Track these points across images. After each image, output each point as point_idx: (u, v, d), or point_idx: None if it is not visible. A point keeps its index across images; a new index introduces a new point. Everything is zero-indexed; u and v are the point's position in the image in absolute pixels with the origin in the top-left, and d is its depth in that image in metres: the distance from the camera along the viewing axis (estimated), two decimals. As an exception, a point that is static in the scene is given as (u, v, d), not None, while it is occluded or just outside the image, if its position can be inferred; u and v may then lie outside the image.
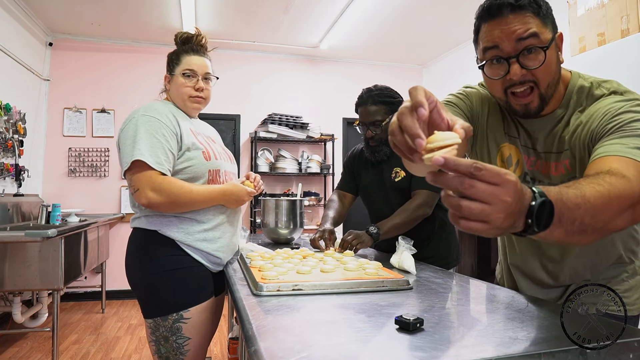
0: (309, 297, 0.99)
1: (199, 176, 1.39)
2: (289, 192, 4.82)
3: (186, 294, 1.31)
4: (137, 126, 1.31)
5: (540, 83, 0.88)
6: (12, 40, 3.59)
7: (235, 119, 4.82)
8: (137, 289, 1.35)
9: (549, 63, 0.87)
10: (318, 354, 0.65)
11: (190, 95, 1.46)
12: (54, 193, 4.27)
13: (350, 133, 5.16)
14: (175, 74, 1.47)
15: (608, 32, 2.84)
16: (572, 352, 0.67)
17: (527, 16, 0.86)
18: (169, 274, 1.30)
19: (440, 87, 5.04)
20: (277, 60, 4.96)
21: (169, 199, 1.28)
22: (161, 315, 1.28)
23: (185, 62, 1.46)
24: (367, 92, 1.78)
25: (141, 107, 1.37)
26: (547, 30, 0.88)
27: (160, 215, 1.34)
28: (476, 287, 1.15)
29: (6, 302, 2.97)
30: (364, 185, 1.94)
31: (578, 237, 0.64)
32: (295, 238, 2.06)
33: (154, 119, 1.33)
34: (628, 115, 0.82)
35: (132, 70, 4.56)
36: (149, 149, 1.28)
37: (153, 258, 1.31)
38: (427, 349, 0.67)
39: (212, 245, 1.38)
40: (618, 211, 0.67)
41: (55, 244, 2.56)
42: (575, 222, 0.61)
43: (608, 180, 0.68)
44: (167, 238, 1.33)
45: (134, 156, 1.26)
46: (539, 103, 0.91)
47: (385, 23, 4.07)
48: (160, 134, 1.32)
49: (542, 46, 0.86)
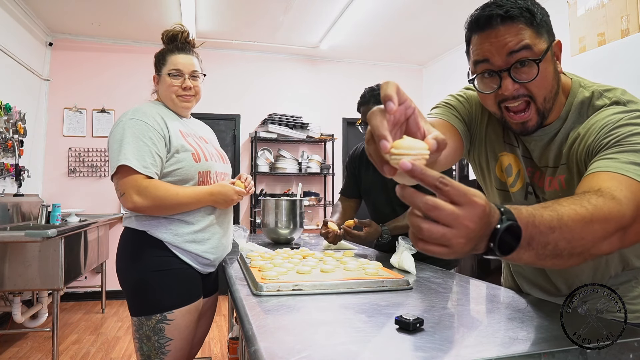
0: (309, 297, 0.99)
1: (188, 178, 1.39)
2: (289, 192, 4.82)
3: (171, 295, 1.32)
4: (124, 130, 1.31)
5: (536, 97, 0.83)
6: (12, 40, 3.59)
7: (235, 119, 4.82)
8: (125, 287, 1.37)
9: (544, 76, 0.81)
10: (318, 354, 0.65)
11: (178, 95, 1.46)
12: (54, 193, 4.27)
13: (350, 133, 5.16)
14: (162, 74, 1.47)
15: (608, 32, 2.84)
16: (572, 352, 0.67)
17: (519, 27, 0.80)
18: (156, 274, 1.32)
19: (440, 87, 5.04)
20: (277, 60, 4.96)
21: (154, 202, 1.28)
22: (145, 314, 1.30)
23: (171, 62, 1.46)
24: (370, 92, 1.78)
25: (130, 110, 1.38)
26: (542, 40, 0.81)
27: (150, 216, 1.35)
28: (476, 287, 1.15)
29: (6, 302, 2.97)
30: (365, 186, 1.94)
31: (552, 260, 0.59)
32: (295, 238, 2.06)
33: (141, 122, 1.33)
34: (627, 128, 0.76)
35: (132, 70, 4.56)
36: (135, 153, 1.28)
37: (141, 258, 1.33)
38: (427, 349, 0.67)
39: (201, 246, 1.39)
40: (602, 236, 0.62)
41: (55, 244, 2.56)
42: (547, 246, 0.57)
43: (593, 202, 0.62)
44: (155, 239, 1.34)
45: (119, 161, 1.27)
46: (537, 120, 0.85)
47: (385, 23, 4.07)
48: (147, 138, 1.32)
49: (536, 59, 0.80)
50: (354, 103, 1.82)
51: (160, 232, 1.34)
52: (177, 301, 1.32)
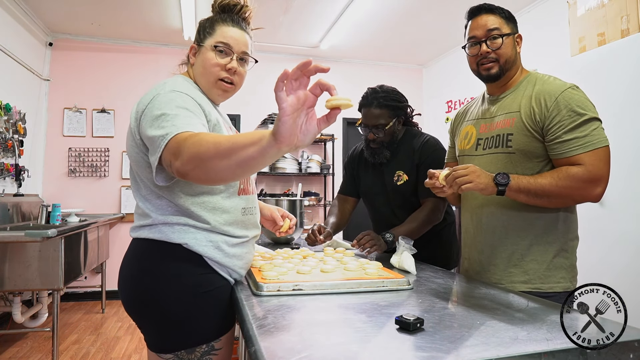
0: (309, 297, 0.99)
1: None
2: (289, 192, 4.82)
3: (217, 320, 1.08)
4: (167, 102, 1.00)
5: (499, 58, 1.28)
6: (12, 40, 3.59)
7: (235, 119, 4.82)
8: (148, 317, 1.06)
9: (506, 46, 1.27)
10: (318, 354, 0.65)
11: (219, 78, 1.16)
12: (54, 193, 4.27)
13: (350, 133, 5.16)
14: (204, 46, 1.17)
15: (608, 32, 2.84)
16: (572, 352, 0.67)
17: (495, 17, 1.29)
18: (197, 298, 1.05)
19: (440, 87, 5.04)
20: (277, 60, 4.96)
21: (189, 155, 0.83)
22: (187, 347, 1.03)
23: (220, 33, 1.17)
24: (373, 94, 1.75)
25: (165, 83, 1.09)
26: (508, 28, 1.29)
27: (180, 224, 1.06)
28: (476, 287, 1.15)
29: (6, 302, 2.97)
30: (364, 187, 1.94)
31: (540, 200, 1.17)
32: (295, 238, 2.06)
33: (185, 95, 1.04)
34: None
35: (132, 70, 4.56)
36: (183, 120, 0.96)
37: (174, 279, 1.04)
38: (427, 349, 0.67)
39: (239, 262, 1.14)
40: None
41: (55, 244, 2.56)
42: (530, 191, 1.15)
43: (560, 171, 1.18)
44: (193, 253, 1.06)
45: (166, 135, 0.91)
46: (498, 70, 1.29)
47: (385, 23, 4.07)
48: (195, 107, 1.04)
49: (502, 35, 1.27)
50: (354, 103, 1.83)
51: (199, 246, 1.06)
52: (223, 326, 1.09)
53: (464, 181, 1.15)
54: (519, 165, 1.24)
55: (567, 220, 1.25)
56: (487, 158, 1.31)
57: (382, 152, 1.77)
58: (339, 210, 1.98)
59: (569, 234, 1.26)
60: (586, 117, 1.15)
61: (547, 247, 1.24)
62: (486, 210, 1.32)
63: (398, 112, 1.76)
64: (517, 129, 1.24)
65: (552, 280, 1.23)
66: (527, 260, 1.24)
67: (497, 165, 1.27)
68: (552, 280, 1.23)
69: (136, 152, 1.06)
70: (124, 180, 4.48)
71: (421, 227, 1.69)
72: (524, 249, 1.25)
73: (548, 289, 1.22)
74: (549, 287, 1.22)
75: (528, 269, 1.24)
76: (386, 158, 1.78)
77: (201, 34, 1.20)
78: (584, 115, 1.15)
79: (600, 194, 1.15)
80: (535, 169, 1.23)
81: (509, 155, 1.26)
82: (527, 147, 1.23)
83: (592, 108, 1.18)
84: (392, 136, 1.77)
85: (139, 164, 1.07)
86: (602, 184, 1.15)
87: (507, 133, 1.26)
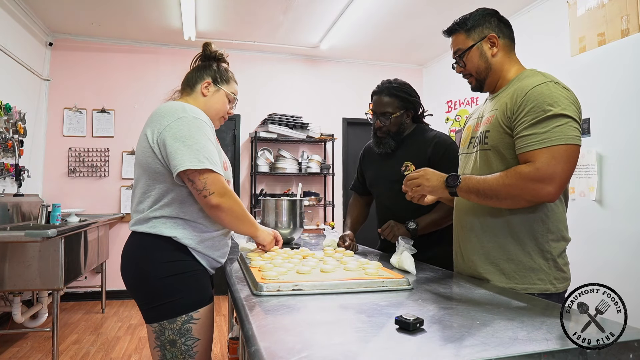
0: (309, 297, 0.99)
1: None
2: (289, 192, 4.82)
3: (196, 295, 1.30)
4: (195, 129, 1.28)
5: (472, 72, 1.35)
6: (12, 40, 3.59)
7: (235, 119, 4.82)
8: (142, 294, 1.31)
9: (470, 61, 1.33)
10: (318, 354, 0.65)
11: (223, 117, 1.51)
12: (54, 193, 4.27)
13: (350, 133, 5.16)
14: (221, 89, 1.48)
15: (608, 32, 2.84)
16: (572, 352, 0.67)
17: (458, 36, 1.35)
18: (179, 277, 1.29)
19: (440, 87, 5.04)
20: (277, 60, 4.96)
21: (232, 207, 1.30)
22: (169, 317, 1.25)
23: (233, 87, 1.52)
24: (386, 83, 1.82)
25: (184, 107, 1.32)
26: (470, 40, 1.32)
27: (172, 221, 1.32)
28: (476, 287, 1.15)
29: (6, 302, 2.97)
30: (371, 177, 1.96)
31: (490, 201, 1.17)
32: (296, 238, 2.06)
33: (206, 124, 1.32)
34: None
35: (132, 70, 4.56)
36: (212, 155, 1.28)
37: (164, 263, 1.29)
38: (427, 349, 0.67)
39: (216, 252, 1.40)
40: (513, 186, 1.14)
41: (55, 244, 2.56)
42: (480, 192, 1.16)
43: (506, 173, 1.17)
44: (179, 243, 1.31)
45: (202, 162, 1.24)
46: (475, 83, 1.36)
47: (385, 23, 4.07)
48: (214, 140, 1.34)
49: (462, 54, 1.33)
50: (354, 103, 1.84)
51: (185, 239, 1.31)
52: (201, 300, 1.30)
53: (414, 184, 1.27)
54: (494, 162, 1.22)
55: (546, 220, 1.19)
56: (474, 156, 1.32)
57: (388, 142, 1.80)
58: (355, 208, 2.09)
59: (548, 234, 1.20)
60: (551, 113, 1.09)
61: (522, 247, 1.21)
62: (468, 209, 1.33)
63: (407, 104, 1.79)
64: (493, 125, 1.24)
65: (527, 281, 1.20)
66: (503, 259, 1.23)
67: (477, 163, 1.28)
68: (527, 281, 1.20)
69: (155, 162, 1.31)
70: (124, 180, 4.48)
71: (445, 217, 1.70)
72: (498, 248, 1.24)
73: (522, 289, 1.18)
74: (524, 287, 1.19)
75: (503, 267, 1.23)
76: (391, 148, 1.81)
77: (220, 78, 1.49)
78: (549, 111, 1.09)
79: (552, 193, 1.08)
80: (509, 166, 1.18)
81: (485, 153, 1.25)
82: (499, 143, 1.21)
83: (565, 104, 1.10)
84: (399, 127, 1.80)
85: (156, 172, 1.32)
86: (553, 184, 1.07)
87: (486, 130, 1.26)
